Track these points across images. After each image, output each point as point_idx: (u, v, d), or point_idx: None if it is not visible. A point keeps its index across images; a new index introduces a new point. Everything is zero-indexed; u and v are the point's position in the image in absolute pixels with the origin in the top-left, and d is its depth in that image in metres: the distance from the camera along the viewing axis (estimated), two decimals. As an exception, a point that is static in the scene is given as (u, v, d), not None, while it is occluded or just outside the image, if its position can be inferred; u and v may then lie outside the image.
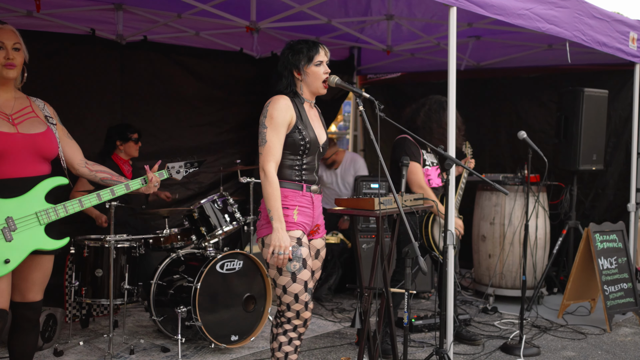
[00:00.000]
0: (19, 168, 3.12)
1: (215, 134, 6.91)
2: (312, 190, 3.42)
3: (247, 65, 7.04)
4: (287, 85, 3.42)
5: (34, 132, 3.18)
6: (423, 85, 8.03)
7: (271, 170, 3.26)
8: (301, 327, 3.42)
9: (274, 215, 3.24)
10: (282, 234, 3.22)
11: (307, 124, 3.38)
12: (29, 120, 3.21)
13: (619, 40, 5.81)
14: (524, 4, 4.73)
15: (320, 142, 3.45)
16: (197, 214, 5.04)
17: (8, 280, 3.10)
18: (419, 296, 6.47)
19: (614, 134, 6.77)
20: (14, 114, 3.18)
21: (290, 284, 3.31)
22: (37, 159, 3.19)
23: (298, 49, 3.39)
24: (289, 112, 3.32)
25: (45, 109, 3.34)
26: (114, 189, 3.35)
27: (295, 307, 3.35)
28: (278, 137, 3.29)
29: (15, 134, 3.12)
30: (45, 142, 3.21)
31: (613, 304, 5.57)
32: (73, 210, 3.22)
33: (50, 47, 5.62)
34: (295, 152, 3.36)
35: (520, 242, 6.11)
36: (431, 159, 4.96)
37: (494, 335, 5.27)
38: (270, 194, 3.24)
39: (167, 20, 5.99)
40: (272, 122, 3.29)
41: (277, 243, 3.22)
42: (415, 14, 6.32)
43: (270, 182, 3.25)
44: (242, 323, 4.83)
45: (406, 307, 3.45)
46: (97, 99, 5.98)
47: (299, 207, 3.35)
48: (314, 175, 3.45)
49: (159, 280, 4.89)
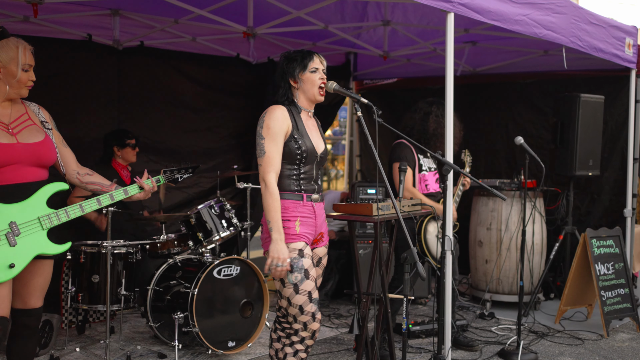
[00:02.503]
0: (19, 174, 3.16)
1: (212, 140, 6.90)
2: (313, 199, 3.41)
3: (244, 71, 7.03)
4: (283, 95, 3.42)
5: (34, 142, 3.22)
6: (419, 90, 8.04)
7: (272, 180, 3.25)
8: (309, 339, 3.38)
9: (273, 227, 3.23)
10: (280, 246, 3.21)
11: (304, 133, 3.37)
12: (28, 128, 3.25)
13: (615, 46, 5.84)
14: (521, 10, 4.74)
15: (318, 151, 3.44)
16: (194, 220, 5.03)
17: (9, 287, 3.10)
18: (416, 302, 6.46)
19: (610, 140, 6.79)
20: (12, 122, 3.21)
21: (293, 296, 3.29)
22: (37, 165, 3.23)
23: (293, 58, 3.41)
24: (285, 121, 3.32)
25: (40, 113, 3.37)
26: (113, 194, 3.42)
27: (302, 318, 3.32)
28: (276, 147, 3.28)
29: (15, 144, 3.15)
30: (44, 151, 3.25)
31: (610, 309, 5.57)
32: (74, 214, 3.27)
33: (47, 52, 5.58)
34: (292, 162, 3.35)
35: (517, 247, 6.12)
36: (429, 164, 4.97)
37: (492, 341, 5.26)
38: (270, 204, 3.24)
39: (164, 25, 5.99)
40: (269, 133, 3.28)
41: (275, 255, 3.20)
42: (412, 20, 6.34)
43: (271, 193, 3.24)
44: (240, 329, 4.82)
45: (405, 313, 3.44)
46: (94, 105, 5.97)
47: (300, 217, 3.33)
48: (312, 184, 3.43)
49: (156, 286, 4.88)
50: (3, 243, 3.04)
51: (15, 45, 3.17)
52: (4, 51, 3.15)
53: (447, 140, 4.33)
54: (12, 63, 3.16)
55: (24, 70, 3.19)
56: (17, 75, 3.17)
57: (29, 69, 3.22)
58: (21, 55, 3.17)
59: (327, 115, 7.73)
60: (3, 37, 3.17)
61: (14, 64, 3.16)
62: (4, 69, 3.15)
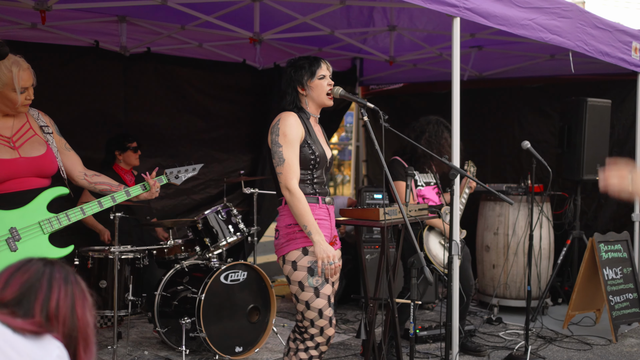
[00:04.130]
0: (20, 183, 3.17)
1: (218, 145, 6.92)
2: (327, 201, 3.44)
3: (250, 76, 7.06)
4: (291, 102, 3.43)
5: (36, 155, 3.22)
6: (425, 95, 8.06)
7: (295, 187, 3.25)
8: (324, 345, 3.39)
9: (311, 230, 3.22)
10: (325, 246, 3.21)
11: (315, 139, 3.40)
12: (29, 141, 3.25)
13: (622, 50, 5.82)
14: (527, 14, 4.74)
15: (327, 156, 3.48)
16: (201, 225, 5.04)
17: None
18: (423, 307, 6.45)
19: (617, 144, 6.77)
20: (14, 134, 3.21)
21: (313, 299, 3.29)
22: (38, 176, 3.24)
23: (300, 65, 3.42)
24: (300, 127, 3.34)
25: (40, 118, 3.37)
26: (115, 195, 3.38)
27: (320, 322, 3.32)
28: (295, 153, 3.29)
29: (17, 159, 3.16)
30: (46, 164, 3.26)
31: (618, 314, 5.54)
32: (75, 218, 3.25)
33: (54, 59, 5.64)
34: (306, 167, 3.36)
35: (524, 252, 6.10)
36: (425, 179, 4.98)
37: (499, 346, 5.25)
38: (302, 209, 3.23)
39: (171, 32, 6.01)
40: (286, 140, 3.28)
41: (323, 255, 3.20)
42: (418, 25, 6.34)
43: (299, 199, 3.24)
44: (247, 334, 4.82)
45: (412, 318, 3.43)
46: (100, 111, 6.00)
47: (317, 220, 3.33)
48: (325, 188, 3.47)
49: (163, 291, 4.89)
50: (4, 249, 3.04)
51: (9, 69, 3.11)
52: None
53: (453, 145, 4.33)
54: (6, 88, 3.12)
55: (20, 92, 3.15)
56: (15, 100, 3.14)
57: (26, 90, 3.18)
58: (16, 80, 3.12)
59: (332, 121, 7.74)
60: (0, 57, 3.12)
61: (9, 89, 3.12)
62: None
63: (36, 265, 1.59)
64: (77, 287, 1.62)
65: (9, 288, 1.55)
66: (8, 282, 1.56)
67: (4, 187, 3.11)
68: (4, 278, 1.56)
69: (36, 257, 1.62)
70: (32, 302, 1.54)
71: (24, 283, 1.55)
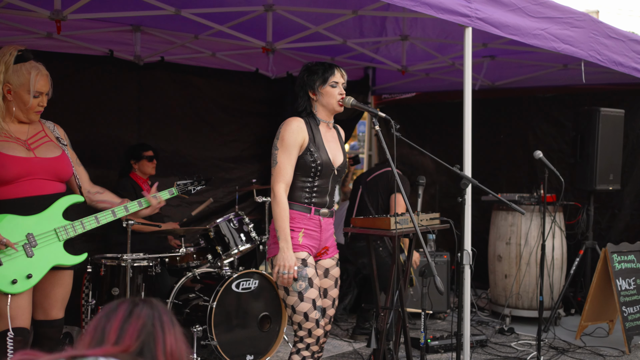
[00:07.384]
0: (36, 187, 3.21)
1: (230, 154, 6.95)
2: (321, 213, 3.42)
3: (263, 86, 7.09)
4: (302, 106, 3.44)
5: (51, 156, 3.28)
6: (438, 105, 8.06)
7: (280, 191, 3.30)
8: (314, 345, 3.39)
9: (280, 235, 3.27)
10: (287, 254, 3.25)
11: (320, 146, 3.39)
12: (45, 145, 3.31)
13: (635, 60, 5.80)
14: (539, 24, 4.73)
15: (335, 164, 3.45)
16: (213, 233, 5.06)
17: (29, 298, 3.15)
18: (435, 316, 6.43)
19: (631, 154, 6.74)
20: (29, 139, 3.27)
21: (298, 304, 3.32)
22: (54, 179, 3.28)
23: (314, 70, 3.43)
24: (301, 133, 3.34)
25: (55, 130, 3.43)
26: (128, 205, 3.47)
27: (307, 325, 3.34)
28: (289, 158, 3.31)
29: (32, 158, 3.21)
30: (61, 165, 3.31)
31: (632, 325, 5.49)
32: (90, 226, 3.32)
33: (69, 68, 5.69)
34: (306, 174, 3.37)
35: (536, 262, 6.07)
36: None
37: (511, 356, 5.22)
38: (278, 214, 3.29)
39: (184, 41, 6.06)
40: (282, 144, 3.32)
41: (282, 263, 3.24)
42: (430, 35, 6.35)
43: (279, 203, 3.29)
44: (258, 343, 4.82)
45: (422, 327, 3.43)
46: (115, 120, 6.05)
47: (305, 229, 3.36)
48: (326, 198, 3.45)
49: (175, 299, 4.90)
50: (20, 254, 3.09)
51: (28, 71, 3.19)
52: (15, 75, 3.17)
53: (465, 153, 4.32)
54: (21, 89, 3.18)
55: (34, 96, 3.21)
56: (27, 102, 3.20)
57: (40, 95, 3.24)
58: (32, 82, 3.19)
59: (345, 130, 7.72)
60: (21, 60, 3.19)
61: (24, 90, 3.18)
62: (14, 92, 3.19)
63: (145, 310, 1.56)
64: (178, 328, 1.61)
65: (126, 337, 1.50)
66: (123, 330, 1.51)
67: (20, 189, 3.16)
68: (115, 327, 1.51)
69: (135, 299, 1.58)
70: (154, 350, 1.51)
71: (141, 330, 1.52)
